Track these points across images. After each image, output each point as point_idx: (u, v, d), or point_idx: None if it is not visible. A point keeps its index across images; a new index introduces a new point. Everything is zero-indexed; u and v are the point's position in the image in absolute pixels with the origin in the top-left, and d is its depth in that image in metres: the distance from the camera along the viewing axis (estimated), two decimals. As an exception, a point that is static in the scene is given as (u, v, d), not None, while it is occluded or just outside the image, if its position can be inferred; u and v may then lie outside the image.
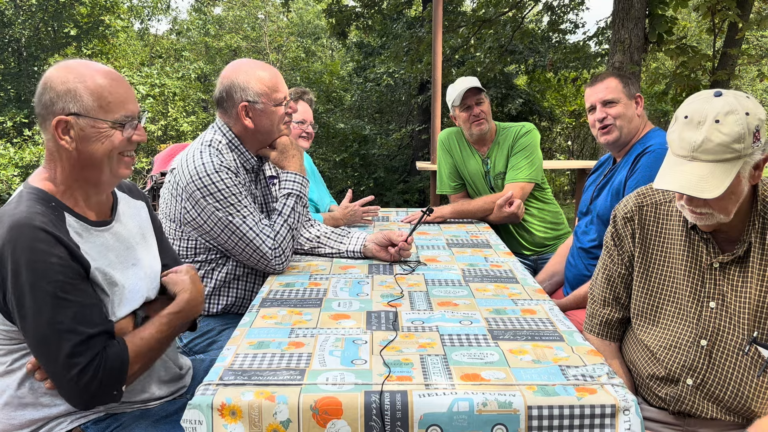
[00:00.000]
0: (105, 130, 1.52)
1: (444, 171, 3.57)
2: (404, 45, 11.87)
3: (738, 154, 1.45)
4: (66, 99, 1.49)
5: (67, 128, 1.50)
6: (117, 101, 1.54)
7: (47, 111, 1.50)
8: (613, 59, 6.87)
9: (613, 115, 2.52)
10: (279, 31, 22.44)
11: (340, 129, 14.76)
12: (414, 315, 1.81)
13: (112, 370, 1.45)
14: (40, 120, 1.53)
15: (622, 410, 1.33)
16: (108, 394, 1.46)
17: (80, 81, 1.51)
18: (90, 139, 1.51)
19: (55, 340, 1.40)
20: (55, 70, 1.54)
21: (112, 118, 1.53)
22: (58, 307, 1.40)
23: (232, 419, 1.31)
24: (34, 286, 1.39)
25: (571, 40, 12.56)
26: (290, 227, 2.25)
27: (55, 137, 1.50)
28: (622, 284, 1.81)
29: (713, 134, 1.45)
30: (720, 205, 1.50)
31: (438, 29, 6.31)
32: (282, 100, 2.29)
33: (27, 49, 15.07)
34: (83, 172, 1.55)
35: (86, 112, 1.50)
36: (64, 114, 1.49)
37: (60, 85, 1.50)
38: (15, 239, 1.39)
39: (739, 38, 7.55)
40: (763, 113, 1.48)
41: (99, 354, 1.43)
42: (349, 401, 1.32)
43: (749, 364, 1.57)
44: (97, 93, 1.51)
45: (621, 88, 2.53)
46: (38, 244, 1.40)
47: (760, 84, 19.44)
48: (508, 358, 1.52)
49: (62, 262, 1.43)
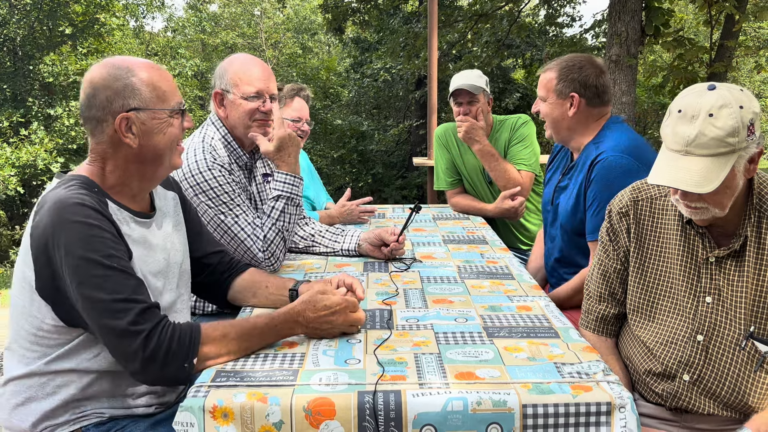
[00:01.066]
0: (165, 119, 1.55)
1: (440, 166, 3.56)
2: (401, 40, 11.84)
3: (732, 148, 1.43)
4: (125, 95, 1.50)
5: (129, 124, 1.50)
6: (170, 90, 1.57)
7: (104, 112, 1.50)
8: (610, 52, 6.85)
9: (542, 112, 2.41)
10: (275, 28, 22.38)
11: (338, 125, 14.75)
12: (409, 313, 1.80)
13: (182, 338, 1.41)
14: (94, 123, 1.51)
15: (618, 408, 1.32)
16: (178, 367, 1.41)
17: (133, 75, 1.51)
18: (152, 131, 1.53)
19: (117, 310, 1.38)
20: (100, 69, 1.53)
21: (169, 107, 1.56)
22: (116, 279, 1.40)
23: (224, 421, 1.30)
24: (91, 260, 1.38)
25: (568, 34, 12.54)
26: (279, 230, 2.18)
27: (119, 136, 1.50)
28: (617, 280, 1.80)
29: (707, 128, 1.43)
30: (715, 200, 1.48)
31: (433, 24, 6.29)
32: (251, 94, 2.21)
33: (22, 48, 15.01)
34: (142, 166, 1.56)
35: (146, 104, 1.52)
36: (124, 110, 1.49)
37: (114, 82, 1.50)
38: (65, 218, 1.39)
39: (736, 30, 7.54)
40: (757, 106, 1.46)
41: (163, 322, 1.42)
42: (342, 402, 1.31)
43: (746, 359, 1.56)
44: (152, 84, 1.53)
45: (554, 85, 2.35)
46: (90, 220, 1.41)
47: (757, 75, 19.41)
48: (503, 356, 1.50)
49: (114, 239, 1.44)
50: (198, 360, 1.44)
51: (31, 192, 13.94)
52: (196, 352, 1.43)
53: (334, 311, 1.60)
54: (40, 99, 14.49)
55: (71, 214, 1.39)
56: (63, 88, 14.67)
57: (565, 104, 2.34)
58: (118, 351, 1.41)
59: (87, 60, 14.58)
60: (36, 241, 1.42)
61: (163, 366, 1.40)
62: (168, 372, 1.41)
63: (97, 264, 1.39)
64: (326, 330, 1.60)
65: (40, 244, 1.41)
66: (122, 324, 1.38)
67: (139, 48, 20.13)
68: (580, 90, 2.32)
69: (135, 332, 1.38)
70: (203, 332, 1.46)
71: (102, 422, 1.54)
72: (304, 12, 23.62)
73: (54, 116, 13.91)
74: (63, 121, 13.74)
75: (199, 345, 1.44)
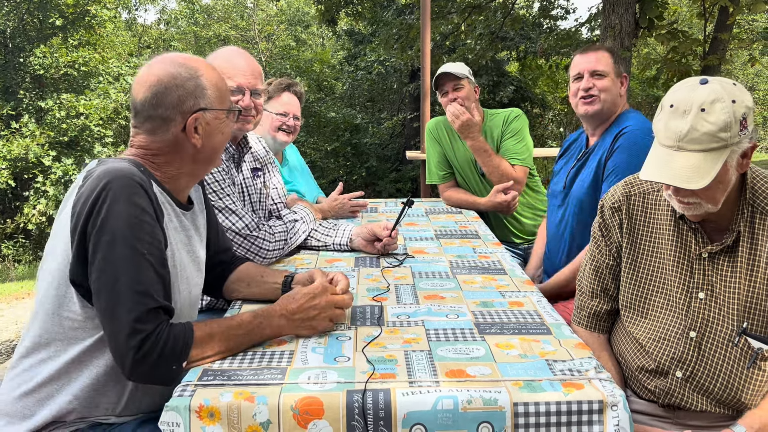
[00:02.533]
0: (223, 119, 1.56)
1: (432, 160, 3.53)
2: (394, 32, 11.78)
3: (725, 143, 1.41)
4: (196, 95, 1.50)
5: (196, 125, 1.51)
6: (227, 90, 1.59)
7: (174, 111, 1.49)
8: (604, 45, 6.83)
9: (599, 87, 2.47)
10: (268, 20, 22.26)
11: (332, 118, 14.69)
12: (400, 309, 1.78)
13: (175, 341, 1.39)
14: (158, 122, 1.49)
15: (610, 405, 1.30)
16: (167, 369, 1.39)
17: (201, 74, 1.52)
18: (214, 131, 1.55)
19: (128, 299, 1.35)
20: (168, 68, 1.50)
21: (227, 107, 1.57)
22: (140, 268, 1.37)
23: (210, 421, 1.28)
24: (124, 240, 1.35)
25: (563, 26, 12.51)
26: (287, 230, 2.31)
27: (186, 135, 1.50)
28: (610, 275, 1.78)
29: (699, 123, 1.41)
30: (708, 195, 1.47)
31: (426, 16, 6.25)
32: (231, 89, 2.12)
33: (12, 40, 14.87)
34: (197, 166, 1.57)
35: (211, 104, 1.53)
36: (194, 111, 1.50)
37: (187, 81, 1.49)
38: (117, 188, 1.36)
39: (730, 23, 7.52)
40: (750, 101, 1.44)
41: (163, 324, 1.39)
42: (330, 401, 1.28)
43: (739, 356, 1.55)
44: (216, 84, 1.54)
45: (612, 63, 2.49)
46: (137, 198, 1.38)
47: (751, 68, 19.44)
48: (494, 353, 1.49)
49: (152, 224, 1.42)
50: (187, 362, 1.42)
51: (22, 185, 13.85)
52: (187, 356, 1.41)
53: (314, 295, 1.58)
54: (31, 92, 14.38)
55: (122, 187, 1.37)
56: (54, 80, 14.55)
57: (617, 83, 2.51)
58: (114, 340, 1.37)
59: (78, 52, 14.45)
60: (78, 212, 1.38)
61: (152, 368, 1.37)
62: (156, 373, 1.39)
63: (128, 246, 1.36)
64: (313, 318, 1.58)
65: (82, 212, 1.37)
66: (128, 318, 1.35)
67: (132, 41, 19.98)
68: (627, 73, 2.51)
69: (136, 330, 1.35)
70: (195, 335, 1.44)
71: (96, 424, 1.51)
72: (297, 4, 23.49)
73: (45, 109, 13.79)
74: (54, 113, 13.62)
75: (191, 349, 1.42)
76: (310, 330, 1.59)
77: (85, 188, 1.41)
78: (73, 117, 13.69)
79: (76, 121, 13.69)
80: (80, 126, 13.76)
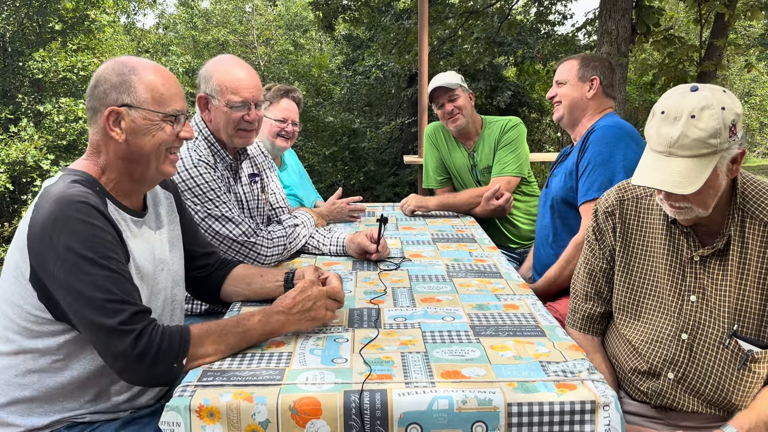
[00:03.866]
0: (156, 122, 1.56)
1: (430, 165, 3.56)
2: (392, 37, 11.81)
3: (714, 149, 1.45)
4: (120, 90, 1.52)
5: (118, 119, 1.53)
6: (169, 95, 1.58)
7: (100, 102, 1.53)
8: (601, 50, 6.87)
9: (560, 94, 2.60)
10: (267, 25, 22.31)
11: (330, 122, 14.70)
12: (396, 312, 1.81)
13: (172, 339, 1.42)
14: (91, 113, 1.55)
15: (602, 406, 1.33)
16: (167, 367, 1.41)
17: (134, 74, 1.54)
18: (140, 131, 1.54)
19: (108, 309, 1.38)
20: (109, 63, 1.57)
21: (164, 111, 1.56)
22: (111, 280, 1.41)
23: (210, 420, 1.30)
24: (89, 259, 1.39)
25: (560, 32, 12.56)
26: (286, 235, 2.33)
27: (106, 128, 1.52)
28: (603, 279, 1.81)
29: (689, 130, 1.44)
30: (698, 200, 1.50)
31: (423, 21, 6.28)
32: (237, 103, 2.16)
33: (11, 44, 14.88)
34: (129, 165, 1.57)
35: (139, 103, 1.54)
36: (116, 105, 1.52)
37: (115, 77, 1.53)
38: (68, 214, 1.40)
39: (727, 29, 7.57)
40: (739, 107, 1.48)
41: (153, 324, 1.43)
42: (328, 401, 1.31)
43: (730, 358, 1.57)
44: (151, 86, 1.55)
45: (576, 70, 2.59)
46: (92, 220, 1.42)
47: (747, 74, 19.52)
48: (489, 355, 1.51)
49: (114, 241, 1.46)
50: (187, 360, 1.44)
51: (20, 189, 13.84)
52: (186, 353, 1.44)
53: (303, 288, 1.62)
54: (29, 96, 14.38)
55: (74, 212, 1.40)
56: (53, 84, 14.55)
57: (585, 87, 2.58)
58: (107, 349, 1.41)
59: (77, 56, 14.47)
60: (34, 235, 1.42)
61: (152, 365, 1.40)
62: (156, 372, 1.41)
63: (95, 263, 1.40)
64: (310, 309, 1.60)
65: (37, 237, 1.41)
66: (112, 323, 1.38)
67: (130, 45, 20.02)
68: (600, 76, 2.57)
69: (125, 331, 1.38)
70: (192, 333, 1.46)
71: (75, 424, 1.53)
72: (295, 9, 23.55)
73: (44, 113, 13.79)
74: (53, 117, 13.63)
75: (189, 346, 1.45)
76: (310, 322, 1.61)
77: (38, 217, 1.43)
78: (72, 121, 13.70)
79: (74, 125, 13.69)
80: (79, 130, 13.76)
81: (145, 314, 1.43)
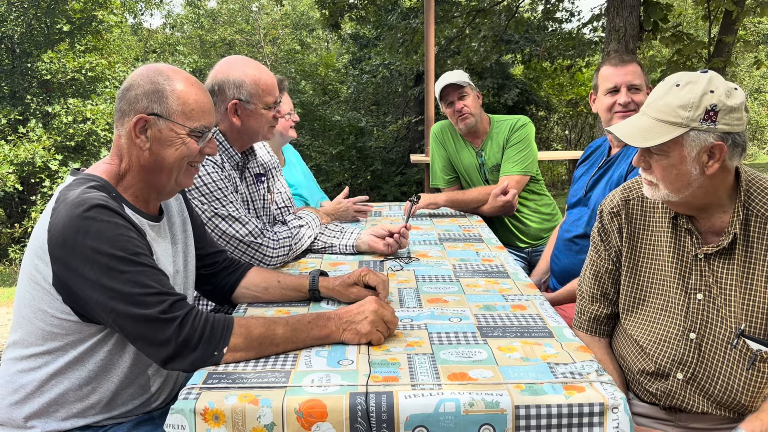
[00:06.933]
0: (182, 136, 1.55)
1: (437, 164, 3.55)
2: (398, 36, 11.80)
3: (681, 121, 1.46)
4: (152, 98, 1.52)
5: (145, 127, 1.52)
6: (199, 110, 1.57)
7: (130, 107, 1.52)
8: (608, 47, 6.83)
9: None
10: (273, 24, 22.34)
11: (337, 121, 14.71)
12: (403, 313, 1.79)
13: (215, 325, 1.43)
14: (119, 115, 1.54)
15: (611, 408, 1.31)
16: (209, 354, 1.42)
17: (168, 83, 1.53)
18: (165, 141, 1.54)
19: (148, 302, 1.39)
20: (144, 69, 1.56)
21: (191, 126, 1.55)
22: (147, 274, 1.42)
23: (215, 423, 1.29)
24: (120, 258, 1.39)
25: (567, 29, 12.50)
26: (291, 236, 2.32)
27: (131, 134, 1.52)
28: (609, 280, 1.79)
29: (667, 94, 1.49)
30: (663, 176, 1.52)
31: (430, 20, 6.27)
32: (272, 103, 2.25)
33: (20, 45, 14.98)
34: (149, 175, 1.56)
35: (168, 114, 1.53)
36: (146, 113, 1.51)
37: (148, 84, 1.52)
38: (89, 217, 1.39)
39: (736, 26, 7.51)
40: (736, 104, 1.45)
41: (195, 309, 1.43)
42: (334, 403, 1.30)
43: (738, 358, 1.56)
44: (182, 98, 1.54)
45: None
46: (115, 219, 1.42)
47: (757, 71, 19.38)
48: (496, 356, 1.50)
49: (139, 237, 1.46)
50: (228, 350, 1.44)
51: (29, 190, 13.93)
52: (228, 341, 1.44)
53: (363, 303, 1.60)
54: (38, 96, 14.46)
55: (95, 214, 1.40)
56: (61, 85, 14.64)
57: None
58: (149, 339, 1.40)
59: (85, 57, 14.55)
60: (54, 240, 1.41)
61: (195, 350, 1.41)
62: (200, 358, 1.42)
63: (127, 261, 1.40)
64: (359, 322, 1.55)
65: (59, 243, 1.40)
66: (154, 313, 1.39)
67: (138, 45, 20.10)
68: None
69: (168, 319, 1.39)
70: (235, 322, 1.47)
71: (88, 426, 1.53)
72: (302, 8, 23.57)
73: (52, 114, 13.88)
74: (61, 118, 13.71)
75: (231, 335, 1.45)
76: (354, 334, 1.55)
77: (58, 223, 1.41)
78: (80, 122, 13.78)
79: (82, 126, 13.77)
80: (87, 131, 13.84)
81: (184, 302, 1.44)
